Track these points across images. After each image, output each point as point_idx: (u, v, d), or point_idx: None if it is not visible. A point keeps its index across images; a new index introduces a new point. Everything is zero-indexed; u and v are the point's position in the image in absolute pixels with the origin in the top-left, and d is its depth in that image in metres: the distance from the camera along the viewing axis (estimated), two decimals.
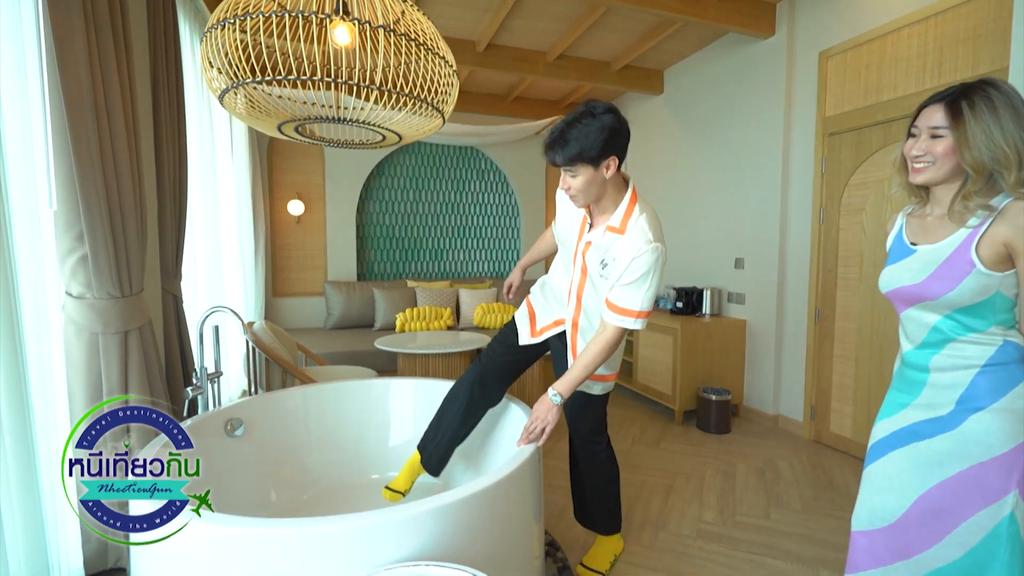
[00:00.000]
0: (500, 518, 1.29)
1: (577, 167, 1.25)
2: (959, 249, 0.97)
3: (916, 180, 1.03)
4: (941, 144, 0.97)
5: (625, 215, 1.33)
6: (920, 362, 1.06)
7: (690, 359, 3.19)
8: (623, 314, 1.32)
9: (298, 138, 1.52)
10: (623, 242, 1.32)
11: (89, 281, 1.56)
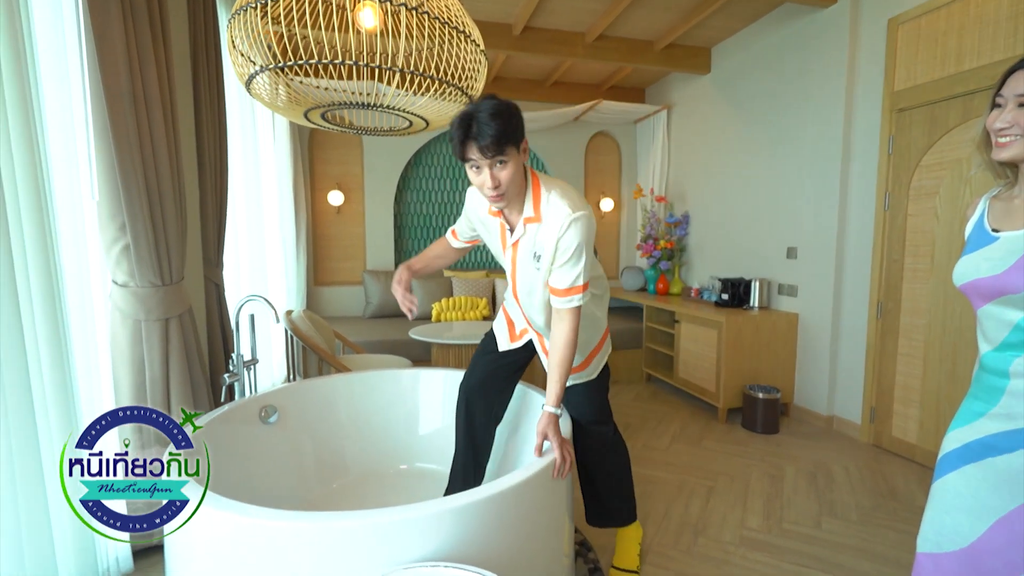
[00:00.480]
0: (527, 518, 1.23)
1: (507, 151, 1.15)
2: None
3: (1001, 156, 0.92)
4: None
5: (535, 201, 1.26)
6: (999, 366, 0.93)
7: (736, 354, 3.02)
8: (570, 294, 1.26)
9: (325, 125, 1.50)
10: (544, 228, 1.26)
11: (132, 270, 1.61)
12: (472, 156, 1.16)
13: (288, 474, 1.75)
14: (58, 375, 1.26)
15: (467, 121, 1.14)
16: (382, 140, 4.30)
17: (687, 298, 3.87)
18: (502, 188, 1.18)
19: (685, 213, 4.18)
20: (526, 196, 1.27)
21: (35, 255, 1.20)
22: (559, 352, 1.31)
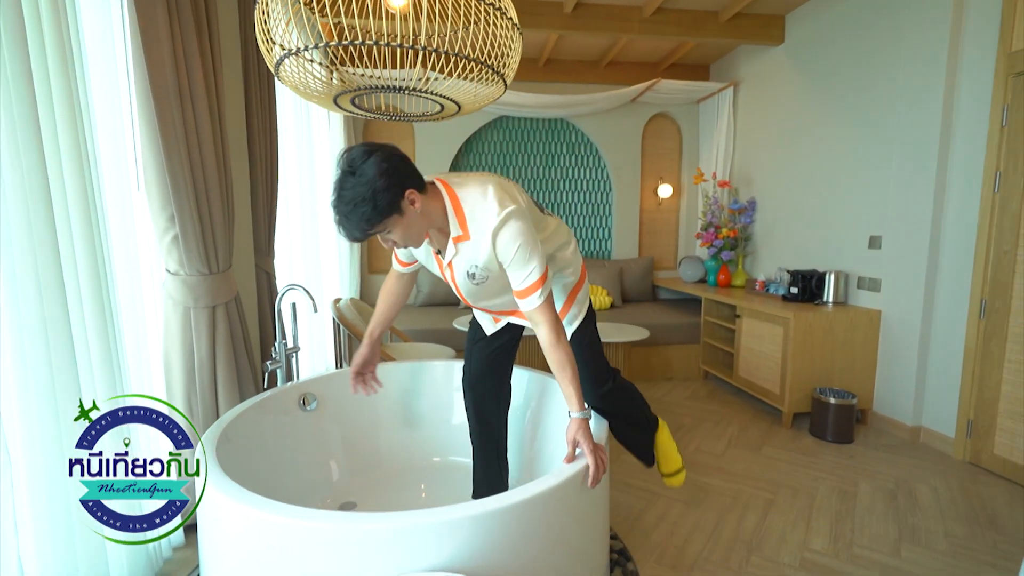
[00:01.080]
0: (554, 527, 1.15)
1: (385, 225, 1.10)
2: None
3: None
4: None
5: (460, 220, 1.18)
6: None
7: (805, 354, 2.75)
8: (533, 291, 1.18)
9: (355, 111, 1.47)
10: (474, 244, 1.19)
11: (181, 259, 1.68)
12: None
13: (321, 463, 1.78)
14: (106, 362, 1.32)
15: (333, 210, 1.10)
16: (433, 128, 4.29)
17: (751, 291, 3.58)
18: (400, 244, 1.17)
19: (751, 199, 3.85)
20: (448, 217, 1.20)
21: (83, 245, 1.25)
22: (553, 355, 1.23)
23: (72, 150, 1.22)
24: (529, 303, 1.20)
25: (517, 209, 1.16)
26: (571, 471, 1.18)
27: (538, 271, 1.18)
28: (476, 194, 1.18)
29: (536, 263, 1.18)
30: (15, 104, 1.08)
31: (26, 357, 1.11)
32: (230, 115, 2.02)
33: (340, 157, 1.11)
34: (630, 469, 2.31)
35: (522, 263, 1.17)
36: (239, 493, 1.04)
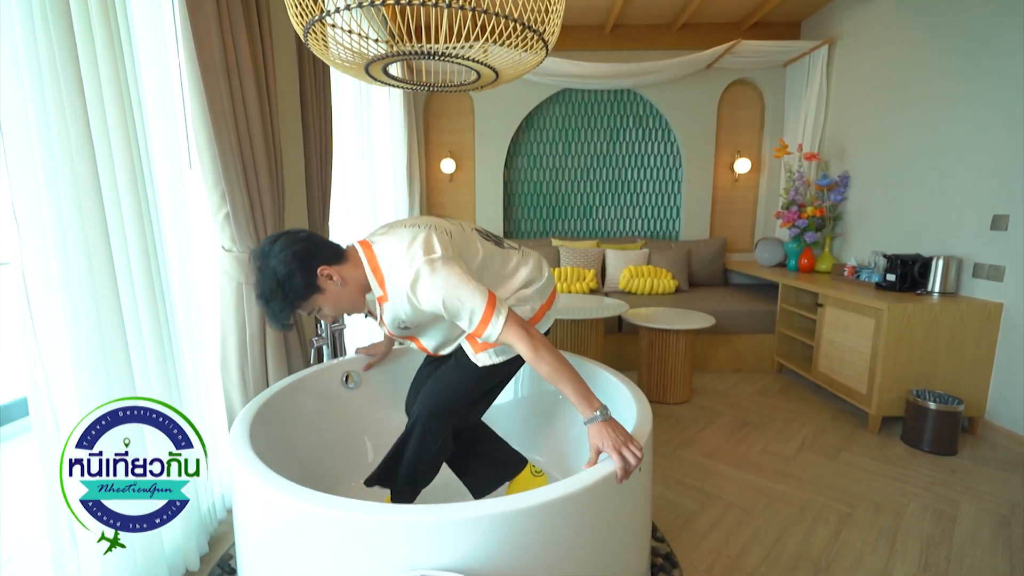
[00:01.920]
0: (584, 528, 1.06)
1: (307, 306, 1.18)
2: None
3: None
4: None
5: (378, 280, 1.19)
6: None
7: (900, 350, 2.40)
8: (486, 324, 1.10)
9: (389, 82, 1.41)
10: (395, 302, 1.18)
11: (233, 236, 1.73)
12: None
13: (358, 442, 1.79)
14: (156, 336, 1.38)
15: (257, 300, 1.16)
16: (493, 103, 4.19)
17: (838, 277, 3.19)
18: (334, 318, 1.21)
19: (843, 173, 3.41)
20: (370, 280, 1.20)
21: (132, 223, 1.30)
22: (542, 368, 1.11)
23: (120, 128, 1.26)
24: (490, 335, 1.11)
25: (432, 259, 1.11)
26: (604, 470, 1.07)
27: (480, 305, 1.10)
28: (395, 249, 1.16)
29: (474, 300, 1.10)
30: (63, 84, 1.12)
31: (79, 335, 1.16)
32: (283, 92, 2.05)
33: (252, 254, 1.19)
34: (685, 467, 2.16)
35: (457, 308, 1.11)
36: (265, 475, 1.04)
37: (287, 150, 2.10)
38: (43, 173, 1.09)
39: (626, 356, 3.42)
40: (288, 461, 1.43)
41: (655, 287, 3.75)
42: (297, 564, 1.01)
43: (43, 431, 1.11)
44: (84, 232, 1.18)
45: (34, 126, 1.08)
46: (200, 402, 1.66)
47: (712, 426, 2.57)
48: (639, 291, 3.76)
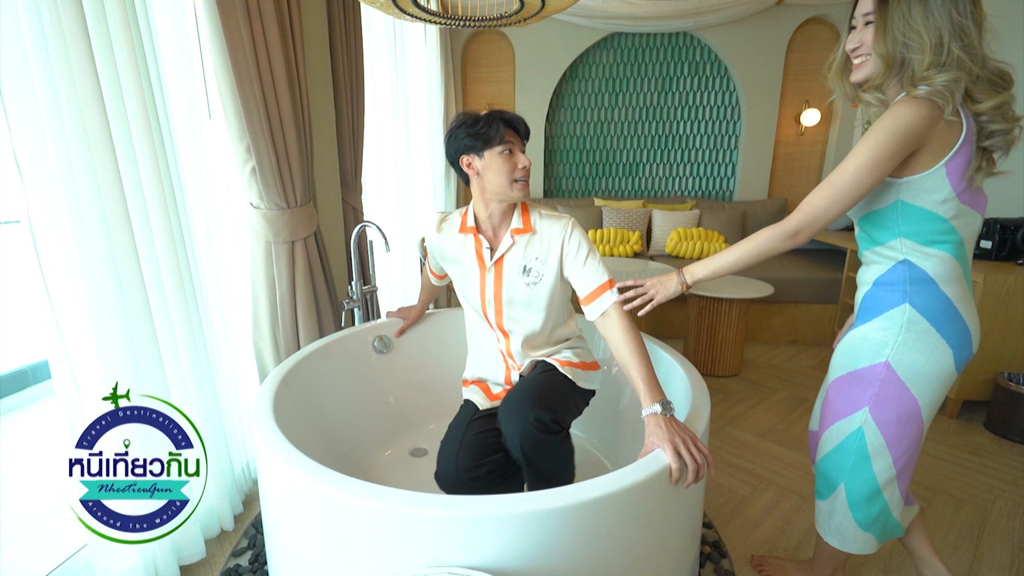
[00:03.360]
0: (633, 525, 0.95)
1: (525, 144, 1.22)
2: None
3: (855, 78, 0.97)
4: (871, 32, 0.90)
5: (524, 215, 1.25)
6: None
7: (993, 328, 2.11)
8: (603, 291, 1.17)
9: (420, 15, 1.23)
10: (538, 237, 1.24)
11: (260, 192, 1.64)
12: (511, 138, 1.18)
13: (395, 407, 1.73)
14: (180, 294, 1.32)
15: (493, 112, 1.18)
16: (535, 49, 3.89)
17: None
18: (528, 171, 1.19)
19: None
20: (514, 212, 1.26)
21: (149, 175, 1.22)
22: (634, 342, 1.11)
23: (131, 73, 1.16)
24: (604, 302, 1.16)
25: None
26: (656, 465, 0.95)
27: (607, 274, 1.19)
28: (542, 206, 1.29)
29: (604, 268, 1.19)
30: (64, 26, 1.01)
31: (97, 296, 1.11)
32: (310, 39, 1.90)
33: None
34: (736, 446, 2.01)
35: (593, 257, 1.19)
36: (287, 453, 0.98)
37: (315, 101, 1.97)
38: (48, 124, 1.01)
39: (671, 324, 3.24)
40: (315, 430, 1.38)
41: (706, 251, 3.49)
42: (317, 541, 0.95)
43: (65, 394, 1.08)
44: (97, 188, 1.10)
45: (36, 72, 0.98)
46: (230, 362, 1.63)
47: (765, 402, 2.39)
48: (687, 255, 3.52)
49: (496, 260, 1.25)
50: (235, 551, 1.42)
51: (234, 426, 1.60)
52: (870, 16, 0.89)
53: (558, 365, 1.26)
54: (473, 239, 1.27)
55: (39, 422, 2.38)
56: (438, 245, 1.34)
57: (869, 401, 0.99)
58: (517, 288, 1.24)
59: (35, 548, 1.44)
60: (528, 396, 1.13)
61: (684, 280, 1.09)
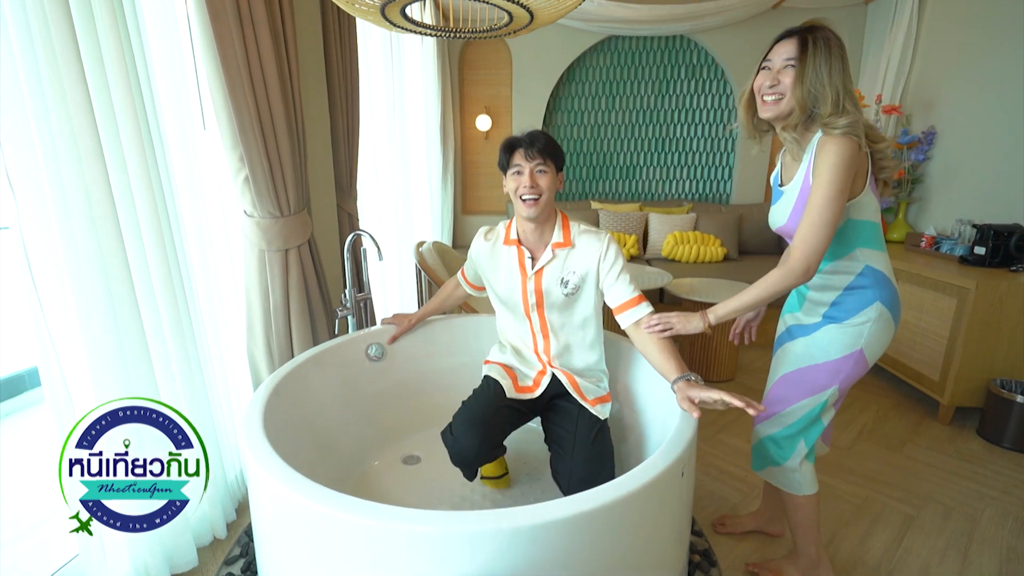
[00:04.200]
0: (619, 539, 0.96)
1: (548, 164, 1.29)
2: (802, 187, 1.08)
3: (764, 114, 1.10)
4: (791, 75, 1.04)
5: (564, 229, 1.36)
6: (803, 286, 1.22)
7: (987, 334, 2.12)
8: (638, 303, 1.30)
9: (409, 27, 1.24)
10: (577, 251, 1.34)
11: (254, 201, 1.65)
12: (517, 160, 1.28)
13: (388, 414, 1.74)
14: (173, 309, 1.33)
15: (517, 136, 1.30)
16: (533, 52, 3.90)
17: (912, 247, 2.85)
18: (538, 190, 1.27)
19: (928, 129, 2.99)
20: (555, 225, 1.36)
21: (140, 184, 1.22)
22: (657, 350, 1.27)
23: (122, 83, 1.16)
24: (642, 310, 1.28)
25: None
26: (645, 477, 0.95)
27: (638, 290, 1.31)
28: (584, 222, 1.39)
29: (636, 284, 1.31)
30: (55, 40, 1.01)
31: (87, 304, 1.12)
32: (304, 46, 1.90)
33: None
34: (728, 453, 2.02)
35: (626, 272, 1.31)
36: (274, 466, 0.98)
37: (309, 109, 1.98)
38: (37, 132, 1.02)
39: None
40: (307, 439, 1.39)
41: (701, 255, 3.50)
42: (305, 553, 0.96)
43: (56, 401, 1.09)
44: (87, 196, 1.11)
45: (24, 81, 0.99)
46: (224, 369, 1.63)
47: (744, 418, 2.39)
48: (684, 259, 3.53)
49: (537, 271, 1.35)
50: (227, 559, 1.43)
51: (227, 434, 1.61)
52: (791, 61, 1.03)
53: (598, 407, 1.38)
54: (516, 250, 1.38)
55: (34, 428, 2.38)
56: (485, 253, 1.44)
57: (839, 381, 1.16)
58: (556, 297, 1.35)
59: (28, 556, 1.45)
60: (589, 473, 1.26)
61: (708, 320, 1.19)
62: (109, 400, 0.88)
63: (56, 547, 1.36)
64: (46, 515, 1.61)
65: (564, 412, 1.40)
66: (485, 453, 1.32)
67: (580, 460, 1.29)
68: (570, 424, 1.36)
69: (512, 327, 1.48)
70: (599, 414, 1.38)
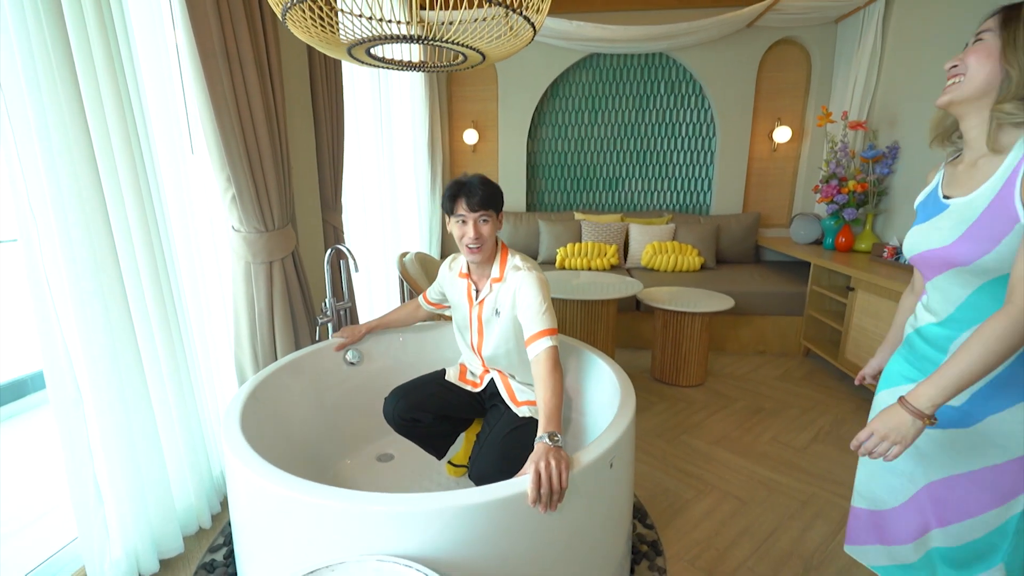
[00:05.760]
0: (543, 523, 1.08)
1: (490, 212, 1.40)
2: (997, 199, 0.81)
3: (939, 101, 0.93)
4: (977, 48, 0.86)
5: (502, 264, 1.48)
6: (940, 342, 0.92)
7: None
8: (544, 335, 1.34)
9: (372, 63, 1.38)
10: (507, 285, 1.45)
11: (240, 217, 1.79)
12: (461, 211, 1.40)
13: (364, 415, 1.86)
14: (162, 315, 1.46)
15: (461, 183, 1.41)
16: (517, 71, 4.06)
17: (876, 258, 2.98)
18: (482, 239, 1.40)
19: (893, 144, 3.13)
20: (495, 261, 1.49)
21: (133, 203, 1.36)
22: (556, 381, 1.27)
23: (117, 114, 1.31)
24: (546, 343, 1.33)
25: (539, 274, 1.43)
26: (579, 464, 1.08)
27: (550, 321, 1.35)
28: (518, 254, 1.50)
29: (551, 315, 1.37)
30: (56, 72, 1.16)
31: (84, 312, 1.25)
32: (290, 75, 2.05)
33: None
34: (688, 453, 2.14)
35: (539, 308, 1.36)
36: (248, 457, 1.11)
37: (295, 131, 2.13)
38: (42, 155, 1.16)
39: (642, 335, 3.37)
40: (283, 439, 1.52)
41: (679, 264, 3.63)
42: (272, 537, 1.09)
43: (62, 402, 1.22)
44: (84, 215, 1.24)
45: (31, 112, 1.13)
46: (211, 373, 1.77)
47: (723, 411, 2.52)
48: (662, 268, 3.66)
49: (480, 300, 1.50)
50: (211, 547, 1.56)
51: (212, 434, 1.74)
52: (983, 34, 0.86)
53: (524, 408, 1.51)
54: (466, 283, 1.54)
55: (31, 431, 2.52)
56: (448, 280, 1.62)
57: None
58: (491, 323, 1.50)
59: (29, 544, 1.58)
60: (495, 463, 1.36)
61: (921, 412, 0.81)
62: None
63: (57, 533, 1.49)
64: (48, 507, 1.74)
65: (495, 412, 1.56)
66: (403, 409, 1.56)
67: (488, 451, 1.42)
68: (494, 421, 1.52)
69: (461, 339, 1.67)
70: (521, 413, 1.51)
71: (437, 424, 1.62)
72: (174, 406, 1.53)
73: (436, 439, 1.67)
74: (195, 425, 1.61)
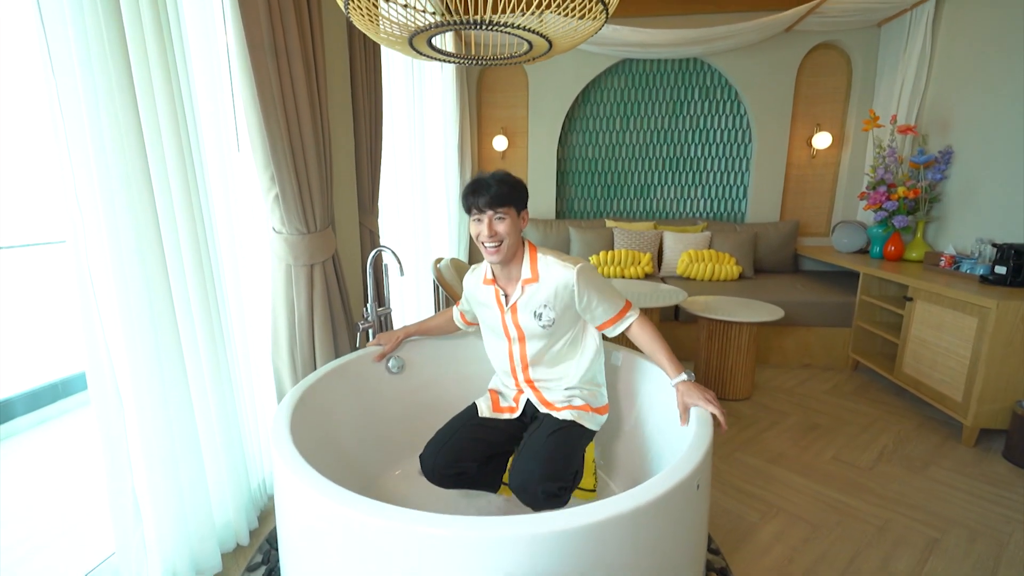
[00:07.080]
0: (634, 549, 0.97)
1: (507, 210, 1.31)
2: None
3: None
4: None
5: (532, 264, 1.38)
6: None
7: (1010, 355, 2.09)
8: (620, 318, 1.37)
9: (434, 55, 1.31)
10: (543, 285, 1.36)
11: (283, 218, 1.72)
12: (476, 209, 1.32)
13: (407, 426, 1.77)
14: (207, 322, 1.40)
15: (476, 180, 1.33)
16: (548, 76, 4.00)
17: (932, 267, 2.83)
18: (498, 238, 1.31)
19: (945, 148, 2.99)
20: (523, 261, 1.39)
21: (181, 202, 1.30)
22: (650, 342, 1.38)
23: (168, 111, 1.25)
24: (621, 324, 1.34)
25: (588, 263, 1.37)
26: (659, 488, 0.97)
27: (620, 300, 1.36)
28: (551, 252, 1.39)
29: (617, 292, 1.36)
30: (112, 71, 1.11)
31: (131, 313, 1.19)
32: (332, 71, 2.01)
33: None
34: (746, 472, 2.00)
35: (601, 294, 1.34)
36: (302, 471, 1.02)
37: (336, 130, 2.07)
38: (94, 155, 1.10)
39: (683, 346, 3.24)
40: (329, 449, 1.43)
41: (716, 273, 3.51)
42: (329, 556, 0.99)
43: (104, 406, 1.15)
44: (134, 215, 1.19)
45: (85, 110, 1.08)
46: (250, 380, 1.69)
47: (776, 427, 2.38)
48: (699, 277, 3.54)
49: (511, 305, 1.40)
50: (250, 566, 1.47)
51: (251, 442, 1.66)
52: None
53: (567, 412, 1.40)
54: (493, 289, 1.44)
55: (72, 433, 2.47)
56: (473, 290, 1.51)
57: None
58: (535, 329, 1.39)
59: (64, 556, 1.50)
60: (536, 468, 1.25)
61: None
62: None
63: (94, 545, 1.42)
64: (84, 515, 1.67)
65: (533, 423, 1.45)
66: (444, 464, 1.37)
67: (528, 457, 1.29)
68: (533, 428, 1.41)
69: (495, 352, 1.53)
70: (562, 416, 1.40)
71: (483, 467, 1.43)
72: (215, 414, 1.45)
73: (486, 479, 1.49)
74: (235, 433, 1.54)
